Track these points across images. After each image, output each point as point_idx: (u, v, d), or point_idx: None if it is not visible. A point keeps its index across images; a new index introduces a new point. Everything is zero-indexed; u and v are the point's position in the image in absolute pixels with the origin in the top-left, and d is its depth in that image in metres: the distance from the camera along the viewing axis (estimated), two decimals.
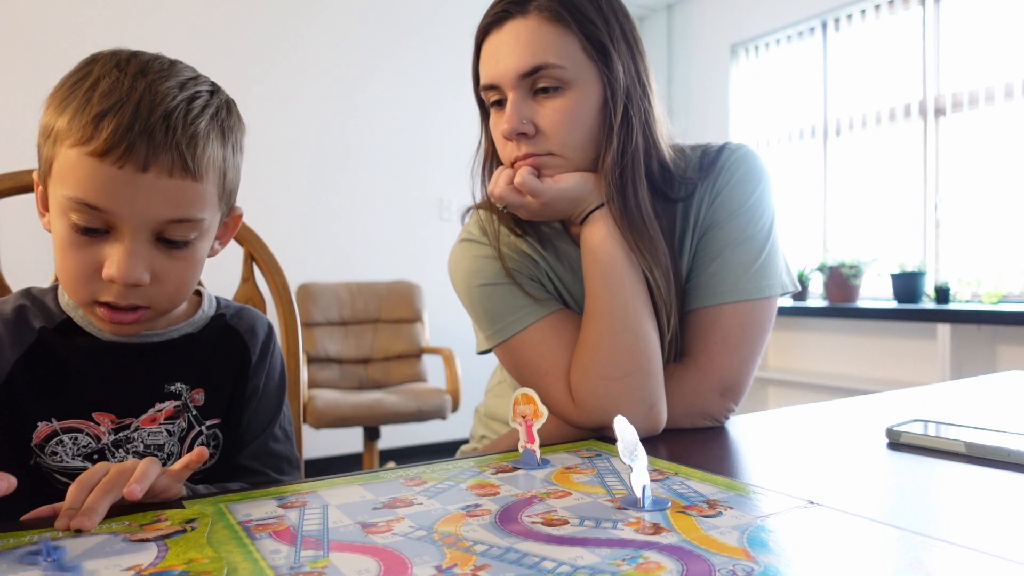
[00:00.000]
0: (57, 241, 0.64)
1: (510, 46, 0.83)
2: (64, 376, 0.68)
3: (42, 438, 0.68)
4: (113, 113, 0.60)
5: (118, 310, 0.65)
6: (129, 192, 0.61)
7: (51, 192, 0.64)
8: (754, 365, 0.91)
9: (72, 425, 0.69)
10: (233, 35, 3.33)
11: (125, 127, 0.60)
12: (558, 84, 0.82)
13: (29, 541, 0.50)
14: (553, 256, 0.95)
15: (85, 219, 0.61)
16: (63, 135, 0.61)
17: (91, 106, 0.60)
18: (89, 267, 0.63)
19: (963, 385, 1.23)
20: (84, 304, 0.67)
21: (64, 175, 0.61)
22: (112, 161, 0.60)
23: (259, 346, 0.80)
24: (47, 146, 0.63)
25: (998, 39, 3.15)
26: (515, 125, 0.83)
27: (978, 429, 0.78)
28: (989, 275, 3.14)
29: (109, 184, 0.60)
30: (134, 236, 0.63)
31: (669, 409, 0.87)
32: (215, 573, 0.45)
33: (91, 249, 0.63)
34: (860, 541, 0.49)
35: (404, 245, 3.70)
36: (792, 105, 3.98)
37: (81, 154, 0.60)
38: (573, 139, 0.84)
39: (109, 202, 0.61)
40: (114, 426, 0.70)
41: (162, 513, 0.56)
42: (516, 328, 0.88)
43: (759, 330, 0.91)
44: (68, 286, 0.66)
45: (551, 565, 0.45)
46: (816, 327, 3.65)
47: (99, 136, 0.59)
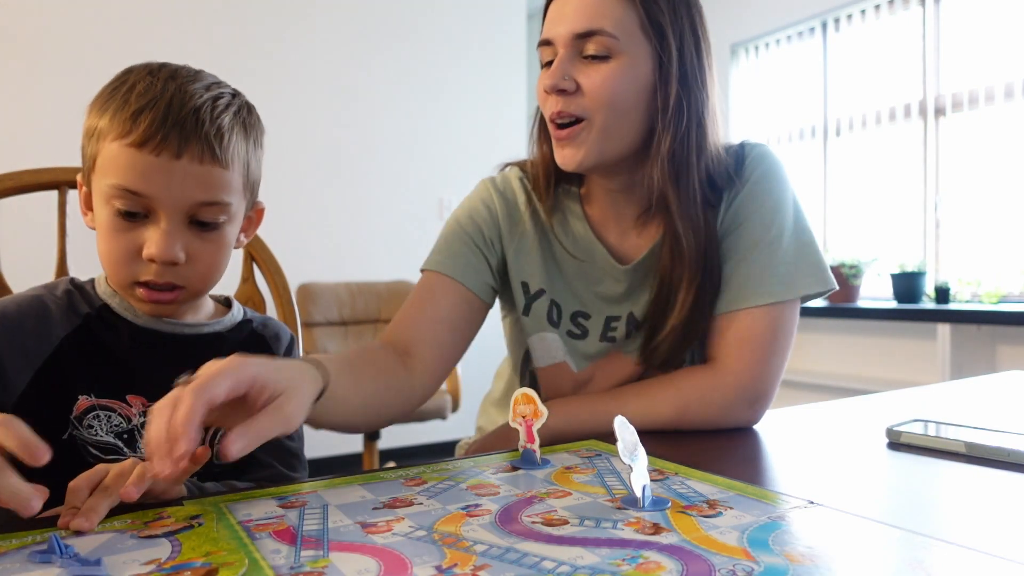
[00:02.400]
0: (101, 228, 0.71)
1: (573, 7, 0.85)
2: (105, 357, 0.74)
3: (81, 411, 0.72)
4: (148, 109, 0.68)
5: (157, 289, 0.72)
6: (165, 177, 0.68)
7: (95, 185, 0.71)
8: (783, 370, 0.91)
9: (108, 404, 0.74)
10: (233, 35, 3.33)
11: (160, 120, 0.68)
12: (607, 52, 0.84)
13: (32, 541, 0.50)
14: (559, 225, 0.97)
15: (126, 204, 0.69)
16: (105, 132, 0.69)
17: (128, 105, 0.68)
18: (131, 249, 0.70)
19: (963, 385, 1.23)
20: (124, 286, 0.72)
21: (107, 167, 0.69)
22: (150, 150, 0.67)
23: (283, 351, 0.86)
24: (91, 145, 0.71)
25: (998, 39, 3.15)
26: (556, 80, 0.85)
27: (978, 429, 0.78)
28: (989, 275, 3.14)
29: (147, 170, 0.68)
30: (170, 218, 0.70)
31: (703, 419, 0.87)
32: (237, 564, 0.45)
33: (132, 233, 0.70)
34: (860, 541, 0.49)
35: (404, 245, 3.70)
36: (792, 105, 3.98)
37: (122, 146, 0.68)
38: (612, 105, 0.85)
39: (147, 187, 0.68)
40: (144, 409, 0.75)
41: (163, 511, 0.56)
42: (427, 266, 0.95)
43: (789, 335, 0.90)
44: (110, 269, 0.72)
45: (551, 565, 0.45)
46: (816, 327, 3.65)
47: (137, 129, 0.67)
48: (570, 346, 0.98)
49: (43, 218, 1.38)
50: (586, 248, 0.96)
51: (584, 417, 0.87)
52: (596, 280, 0.96)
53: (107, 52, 2.97)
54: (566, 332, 0.98)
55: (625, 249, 0.96)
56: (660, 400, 0.88)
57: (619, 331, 0.96)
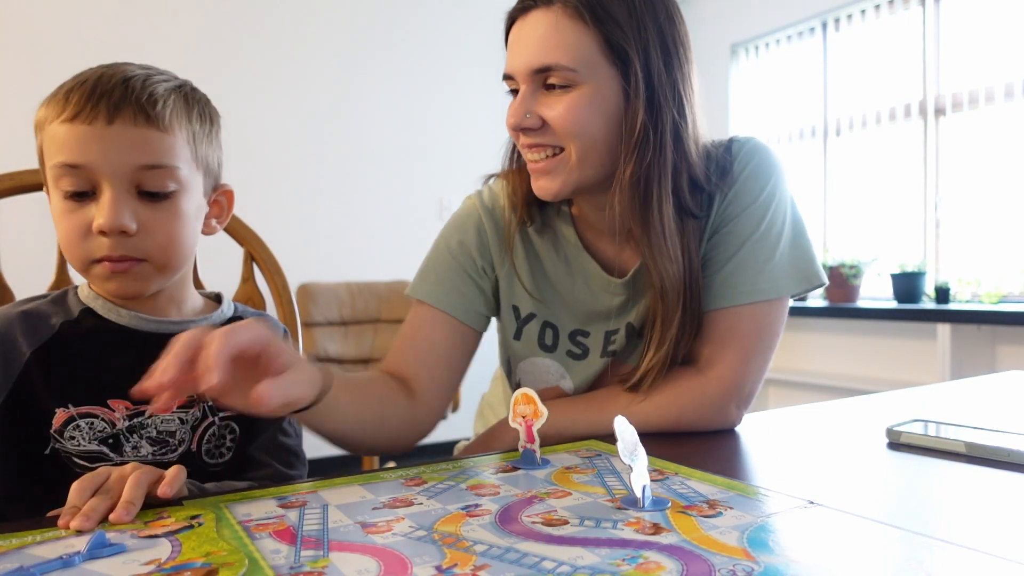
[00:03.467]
0: (54, 215, 0.71)
1: (528, 39, 0.82)
2: (80, 365, 0.73)
3: (60, 424, 0.71)
4: (80, 86, 0.69)
5: (115, 262, 0.70)
6: (100, 145, 0.68)
7: (46, 176, 0.71)
8: (766, 370, 0.90)
9: (88, 411, 0.72)
10: (233, 36, 3.32)
11: (89, 92, 0.68)
12: (567, 83, 0.81)
13: (32, 541, 0.50)
14: (550, 244, 0.95)
15: (71, 182, 0.68)
16: (45, 119, 0.70)
17: (62, 88, 0.70)
18: (81, 227, 0.69)
19: (963, 385, 1.23)
20: (84, 268, 0.71)
21: (49, 149, 0.69)
22: (81, 121, 0.68)
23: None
24: (37, 137, 0.72)
25: (998, 39, 3.15)
26: (518, 119, 0.83)
27: (978, 429, 0.78)
28: (989, 275, 3.14)
29: (82, 141, 0.68)
30: (114, 187, 0.69)
31: (688, 420, 0.87)
32: (237, 564, 0.45)
33: (81, 212, 0.69)
34: (860, 541, 0.49)
35: (404, 245, 3.70)
36: (792, 105, 3.98)
37: (57, 124, 0.69)
38: (581, 135, 0.82)
39: (85, 157, 0.68)
40: (128, 412, 0.73)
41: (163, 511, 0.56)
42: (417, 294, 0.94)
43: (774, 334, 0.90)
44: (67, 252, 0.71)
45: (551, 565, 0.45)
46: (816, 327, 3.65)
47: (69, 105, 0.68)
48: (570, 367, 0.96)
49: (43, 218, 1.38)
50: (580, 268, 0.94)
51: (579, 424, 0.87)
52: (593, 297, 0.94)
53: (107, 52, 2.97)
54: (566, 353, 0.96)
55: (619, 262, 0.93)
56: (653, 407, 0.87)
57: (618, 343, 0.94)
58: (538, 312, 0.96)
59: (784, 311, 0.91)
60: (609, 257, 0.94)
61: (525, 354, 0.97)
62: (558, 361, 0.96)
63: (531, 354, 0.97)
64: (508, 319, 0.97)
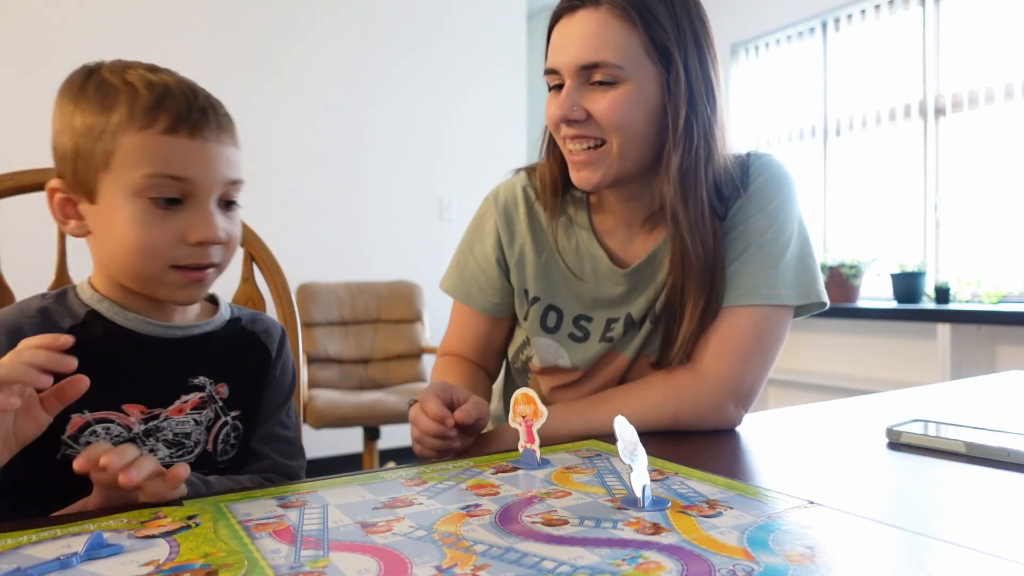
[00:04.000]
0: (130, 222, 0.69)
1: (576, 36, 0.85)
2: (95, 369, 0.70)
3: (75, 429, 0.71)
4: (167, 97, 0.69)
5: (197, 270, 0.72)
6: (202, 159, 0.70)
7: (111, 182, 0.69)
8: (767, 374, 0.91)
9: (104, 416, 0.72)
10: (234, 37, 3.33)
11: (185, 106, 0.69)
12: (613, 80, 0.85)
13: (28, 541, 0.50)
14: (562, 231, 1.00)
15: (166, 191, 0.69)
16: (122, 127, 0.68)
17: (139, 97, 0.69)
18: (171, 236, 0.69)
19: (963, 385, 1.23)
20: (157, 274, 0.71)
21: (135, 159, 0.68)
22: (184, 134, 0.69)
23: (275, 344, 0.86)
24: (99, 143, 0.69)
25: (998, 39, 3.15)
26: (565, 111, 0.86)
27: (978, 429, 0.78)
28: (989, 275, 3.14)
29: (187, 154, 0.69)
30: (208, 200, 0.71)
31: (685, 418, 0.88)
32: (236, 566, 0.45)
33: (170, 220, 0.69)
34: (860, 541, 0.49)
35: (404, 245, 3.70)
36: (792, 105, 3.98)
37: (152, 135, 0.68)
38: (623, 129, 0.86)
39: (189, 170, 0.69)
40: (144, 416, 0.74)
41: (160, 511, 0.56)
42: (455, 294, 1.07)
43: (774, 339, 0.90)
44: (144, 259, 0.70)
45: (551, 565, 0.45)
46: (816, 327, 3.65)
47: (165, 116, 0.68)
48: (570, 348, 0.99)
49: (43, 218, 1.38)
50: (589, 254, 0.98)
51: (576, 424, 0.87)
52: (597, 285, 0.97)
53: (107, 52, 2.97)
54: (567, 335, 0.99)
55: (628, 253, 0.98)
56: (649, 405, 0.88)
57: (617, 331, 0.97)
58: (543, 295, 1.00)
59: (785, 320, 0.91)
60: (616, 248, 0.98)
61: (531, 333, 1.02)
62: (558, 342, 1.00)
63: (533, 334, 1.01)
64: (520, 302, 1.03)
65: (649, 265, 0.95)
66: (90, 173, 0.70)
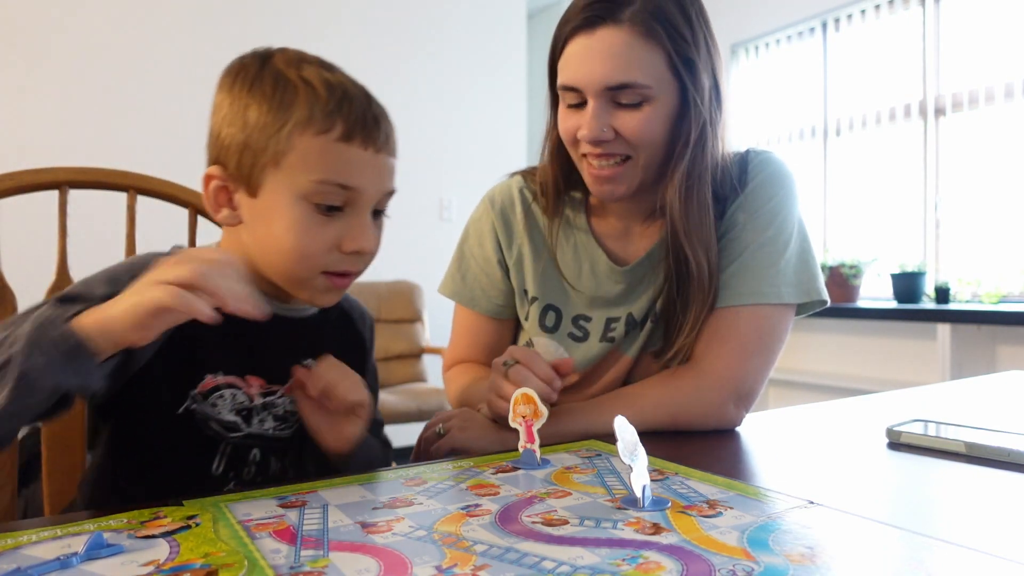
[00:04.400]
0: (292, 225, 0.68)
1: (600, 56, 0.83)
2: (233, 335, 0.72)
3: (207, 389, 0.73)
4: (346, 102, 0.68)
5: (343, 278, 0.72)
6: (372, 170, 0.69)
7: (277, 181, 0.68)
8: (768, 373, 0.91)
9: (232, 382, 0.74)
10: (235, 36, 3.32)
11: (360, 114, 0.68)
12: (640, 100, 0.84)
13: (28, 541, 0.50)
14: (560, 231, 1.00)
15: (332, 199, 0.68)
16: (299, 128, 0.67)
17: (319, 99, 0.67)
18: (329, 242, 0.69)
19: (963, 385, 1.23)
20: (307, 278, 0.71)
21: (308, 163, 0.67)
22: (358, 143, 0.68)
23: (368, 329, 0.88)
24: (272, 141, 0.67)
25: (998, 39, 3.15)
26: (597, 134, 0.85)
27: (978, 429, 0.78)
28: (989, 275, 3.14)
29: (359, 165, 0.68)
30: (367, 209, 0.70)
31: (685, 418, 0.88)
32: (236, 566, 0.45)
33: (329, 227, 0.69)
34: (860, 541, 0.49)
35: (404, 245, 3.70)
36: (792, 105, 3.98)
37: (328, 141, 0.67)
38: (652, 144, 0.87)
39: (359, 180, 0.68)
40: (263, 390, 0.76)
41: (160, 511, 0.56)
42: (459, 298, 1.07)
43: (775, 338, 0.90)
44: (299, 264, 0.70)
45: (551, 565, 0.45)
46: (816, 327, 3.65)
47: (343, 123, 0.67)
48: (571, 348, 0.99)
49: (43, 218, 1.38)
50: (588, 254, 0.98)
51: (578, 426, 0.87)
52: (596, 284, 0.97)
53: (107, 52, 2.97)
54: (567, 335, 0.99)
55: (626, 252, 0.98)
56: (649, 405, 0.88)
57: (618, 331, 0.97)
58: (542, 295, 1.00)
59: (786, 319, 0.91)
60: (614, 248, 0.98)
61: (532, 333, 1.02)
62: (558, 340, 1.00)
63: (534, 334, 1.01)
64: (520, 302, 1.03)
65: (648, 263, 0.95)
66: (257, 168, 0.68)
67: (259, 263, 0.72)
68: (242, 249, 0.72)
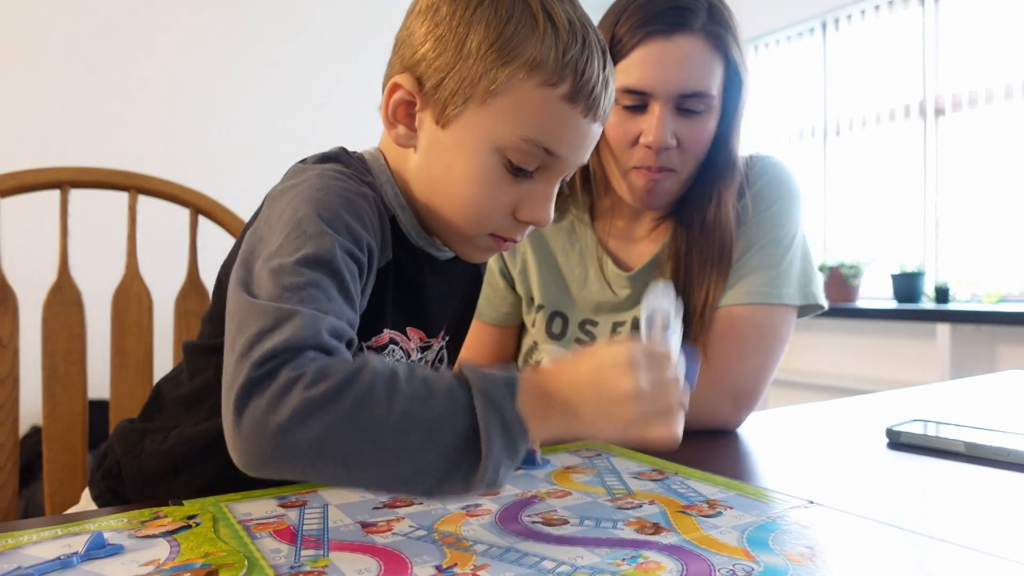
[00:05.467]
0: (477, 175, 0.60)
1: (678, 63, 0.83)
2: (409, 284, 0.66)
3: (382, 343, 0.65)
4: (584, 58, 0.58)
5: (507, 241, 0.64)
6: (582, 141, 0.61)
7: (478, 120, 0.59)
8: (769, 374, 0.90)
9: (397, 336, 0.67)
10: (235, 36, 3.33)
11: (595, 77, 0.59)
12: (704, 108, 0.85)
13: (28, 541, 0.50)
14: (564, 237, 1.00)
15: (528, 160, 0.59)
16: (525, 71, 0.57)
17: (560, 43, 0.57)
18: (507, 205, 0.61)
19: (963, 385, 1.23)
20: (475, 235, 0.63)
21: (521, 113, 0.58)
22: (580, 109, 0.59)
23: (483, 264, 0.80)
24: (488, 75, 0.57)
25: (998, 39, 3.15)
26: (665, 141, 0.85)
27: (978, 429, 0.78)
28: (989, 275, 3.14)
29: (572, 131, 0.59)
30: (556, 180, 0.62)
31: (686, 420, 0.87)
32: (237, 565, 0.45)
33: (513, 188, 0.60)
34: (860, 541, 0.49)
35: None
36: (792, 105, 3.98)
37: (552, 97, 0.57)
38: (700, 153, 0.88)
39: (565, 148, 0.60)
40: (424, 343, 0.69)
41: (160, 511, 0.56)
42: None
43: (775, 338, 0.90)
44: (472, 218, 0.62)
45: (551, 565, 0.45)
46: (816, 327, 3.65)
47: (573, 80, 0.57)
48: None
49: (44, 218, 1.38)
50: (593, 259, 0.98)
51: None
52: (601, 289, 0.97)
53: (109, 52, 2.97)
54: (574, 340, 0.99)
55: (630, 257, 0.98)
56: None
57: (625, 335, 0.97)
58: (547, 303, 1.00)
59: (787, 320, 0.91)
60: (620, 252, 0.98)
61: (539, 340, 1.02)
62: (565, 347, 1.00)
63: (542, 341, 1.02)
64: (526, 309, 1.04)
65: (654, 267, 0.95)
66: (459, 98, 0.58)
67: (421, 200, 0.64)
68: (404, 171, 0.64)
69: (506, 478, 0.46)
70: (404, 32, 0.62)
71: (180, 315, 1.05)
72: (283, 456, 0.43)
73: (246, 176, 2.89)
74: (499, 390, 0.46)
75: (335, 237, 0.52)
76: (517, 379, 0.48)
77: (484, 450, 0.44)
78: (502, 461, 0.45)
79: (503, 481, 0.46)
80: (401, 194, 0.65)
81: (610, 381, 0.47)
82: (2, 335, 0.91)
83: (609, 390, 0.47)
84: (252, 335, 0.46)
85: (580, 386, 0.48)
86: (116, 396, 1.00)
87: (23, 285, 0.96)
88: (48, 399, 0.94)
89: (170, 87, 3.07)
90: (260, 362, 0.44)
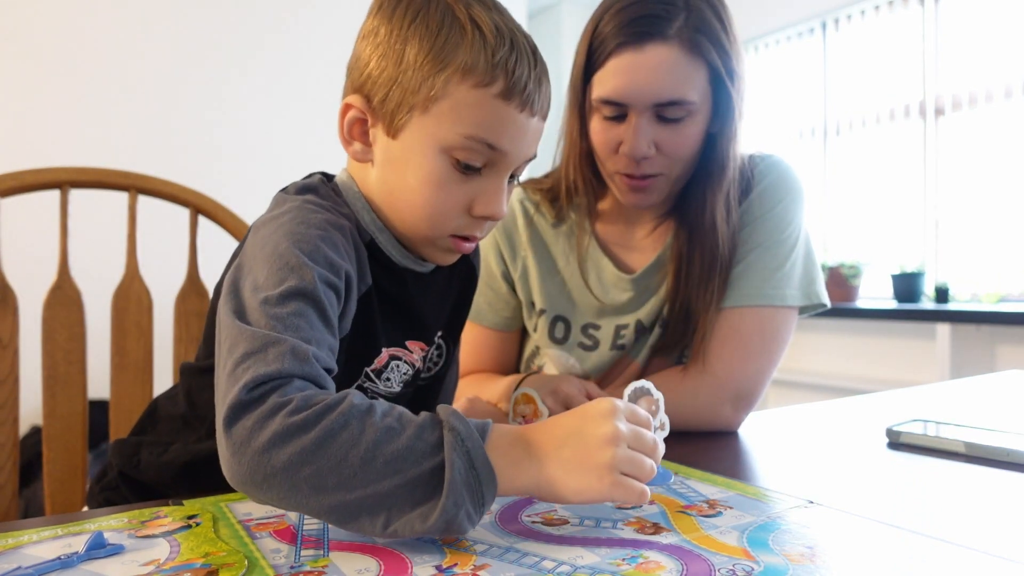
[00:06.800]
0: (428, 178, 0.63)
1: (650, 73, 0.82)
2: (396, 300, 0.68)
3: (382, 363, 0.68)
4: (513, 56, 0.61)
5: (470, 241, 0.67)
6: (522, 134, 0.63)
7: (422, 127, 0.62)
8: (769, 376, 0.90)
9: (399, 353, 0.69)
10: (235, 35, 3.33)
11: (527, 74, 0.62)
12: (685, 115, 0.84)
13: (28, 540, 0.50)
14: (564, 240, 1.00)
15: (474, 158, 0.62)
16: (459, 76, 0.60)
17: (487, 46, 0.61)
18: (461, 203, 0.64)
19: (963, 385, 1.23)
20: (436, 237, 0.66)
21: (460, 115, 0.61)
22: (516, 104, 0.62)
23: (477, 258, 0.82)
24: (426, 84, 0.61)
25: (998, 39, 3.15)
26: (642, 150, 0.85)
27: (978, 429, 0.78)
28: (989, 275, 3.14)
29: (511, 126, 0.62)
30: (506, 174, 0.65)
31: (680, 416, 0.87)
32: (237, 565, 0.45)
33: (465, 186, 0.63)
34: (860, 541, 0.49)
35: None
36: (792, 105, 3.98)
37: (486, 96, 0.61)
38: (685, 158, 0.88)
39: (507, 142, 0.62)
40: (424, 353, 0.71)
41: (160, 511, 0.56)
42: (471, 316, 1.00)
43: (778, 340, 0.90)
44: (430, 220, 0.64)
45: (551, 565, 0.45)
46: (816, 327, 3.65)
47: (506, 79, 0.61)
48: (581, 357, 0.99)
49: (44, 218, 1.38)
50: (594, 263, 0.98)
51: None
52: (603, 292, 0.97)
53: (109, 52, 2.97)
54: (577, 344, 0.99)
55: (632, 259, 0.98)
56: None
57: (627, 338, 0.96)
58: (549, 307, 1.00)
59: (789, 321, 0.91)
60: (621, 255, 0.98)
61: (542, 345, 1.02)
62: (568, 351, 0.99)
63: (544, 346, 1.01)
64: (528, 314, 1.03)
65: (656, 270, 0.95)
66: (403, 108, 0.62)
67: (384, 209, 0.67)
68: (368, 188, 0.67)
69: (468, 523, 0.47)
70: (352, 59, 0.67)
71: (180, 315, 1.05)
72: (262, 475, 0.46)
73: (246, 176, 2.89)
74: (470, 431, 0.48)
75: (314, 268, 0.56)
76: (491, 425, 0.51)
77: (446, 485, 0.46)
78: (464, 500, 0.46)
79: (464, 525, 0.46)
80: (377, 218, 0.68)
81: (593, 426, 0.51)
82: (2, 335, 0.91)
83: (591, 436, 0.51)
84: (240, 355, 0.50)
85: (564, 429, 0.52)
86: (116, 396, 1.00)
87: (23, 285, 0.96)
88: (48, 399, 0.94)
89: (170, 87, 3.08)
90: (252, 386, 0.48)
